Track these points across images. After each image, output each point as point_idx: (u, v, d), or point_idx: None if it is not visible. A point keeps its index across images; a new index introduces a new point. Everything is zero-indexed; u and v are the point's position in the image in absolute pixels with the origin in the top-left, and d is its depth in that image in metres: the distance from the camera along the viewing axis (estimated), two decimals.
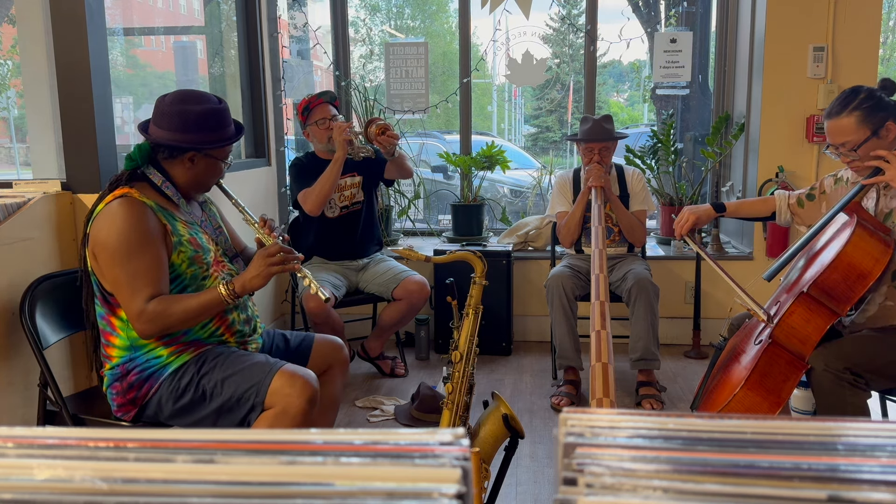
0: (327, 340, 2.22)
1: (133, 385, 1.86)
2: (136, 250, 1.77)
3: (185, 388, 1.84)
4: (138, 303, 1.77)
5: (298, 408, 1.79)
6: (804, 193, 2.35)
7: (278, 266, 1.85)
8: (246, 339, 2.03)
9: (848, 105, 2.04)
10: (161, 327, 1.80)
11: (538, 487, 2.35)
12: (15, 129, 9.98)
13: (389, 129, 3.01)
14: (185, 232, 1.90)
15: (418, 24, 8.77)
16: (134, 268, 1.77)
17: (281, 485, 0.38)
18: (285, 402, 1.78)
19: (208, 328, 1.93)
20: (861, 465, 0.40)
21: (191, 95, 1.91)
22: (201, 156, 1.92)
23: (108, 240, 1.78)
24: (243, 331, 2.02)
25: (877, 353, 1.99)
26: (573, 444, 0.43)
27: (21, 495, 0.37)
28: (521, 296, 3.89)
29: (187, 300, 1.81)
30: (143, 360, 1.87)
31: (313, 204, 3.08)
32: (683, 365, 3.54)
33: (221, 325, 1.96)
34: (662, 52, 3.91)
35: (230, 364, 1.86)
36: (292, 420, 1.78)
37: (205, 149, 1.91)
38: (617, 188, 3.27)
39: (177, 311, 1.79)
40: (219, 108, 1.93)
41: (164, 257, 1.83)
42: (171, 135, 1.88)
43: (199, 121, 1.88)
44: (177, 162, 1.92)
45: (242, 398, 1.81)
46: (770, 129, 3.59)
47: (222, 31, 3.87)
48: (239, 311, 2.01)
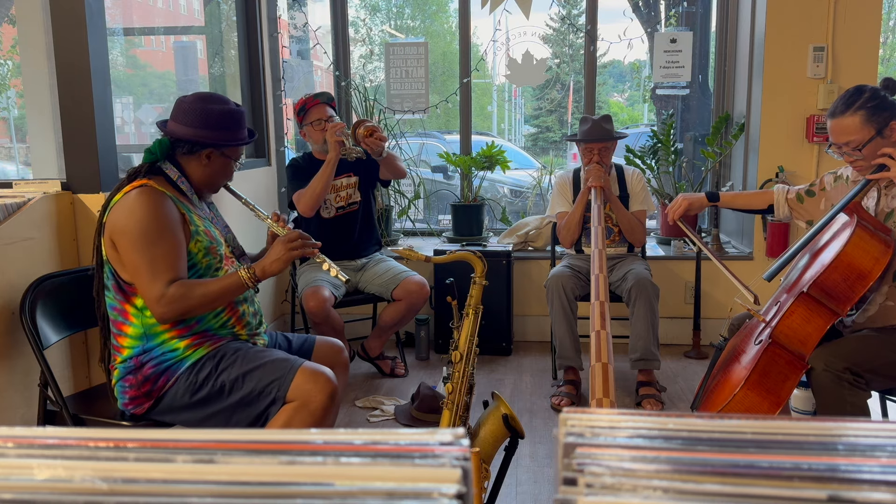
0: (328, 342, 2.25)
1: (149, 378, 1.89)
2: (156, 236, 1.83)
3: (202, 382, 1.88)
4: (159, 286, 1.82)
5: (320, 403, 1.84)
6: (803, 189, 2.35)
7: (298, 250, 1.94)
8: (255, 333, 2.09)
9: (852, 104, 2.03)
10: (181, 310, 1.84)
11: (538, 487, 2.35)
12: (15, 129, 9.98)
13: (377, 131, 3.02)
14: (201, 223, 1.97)
15: (418, 24, 8.77)
16: (154, 253, 1.82)
17: (281, 485, 0.38)
18: (307, 396, 1.84)
19: (220, 318, 1.98)
20: (861, 465, 0.40)
21: (212, 96, 2.00)
22: (217, 154, 2.00)
23: (127, 226, 1.83)
24: (252, 323, 2.07)
25: (877, 352, 1.99)
26: (573, 444, 0.43)
27: (21, 495, 0.37)
28: (521, 296, 3.89)
29: (208, 284, 1.88)
30: (158, 352, 1.90)
31: (306, 205, 3.09)
32: (683, 365, 3.54)
33: (233, 315, 2.02)
34: (662, 52, 3.92)
35: (251, 359, 1.91)
36: (312, 414, 1.84)
37: (223, 146, 1.99)
38: (617, 188, 3.27)
39: (197, 294, 1.84)
40: (238, 110, 2.02)
41: (182, 244, 1.89)
42: (192, 131, 1.95)
43: (220, 119, 1.96)
44: (193, 158, 1.99)
45: (264, 392, 1.86)
46: (770, 129, 3.59)
47: (222, 31, 3.87)
48: (248, 303, 2.08)
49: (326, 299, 2.98)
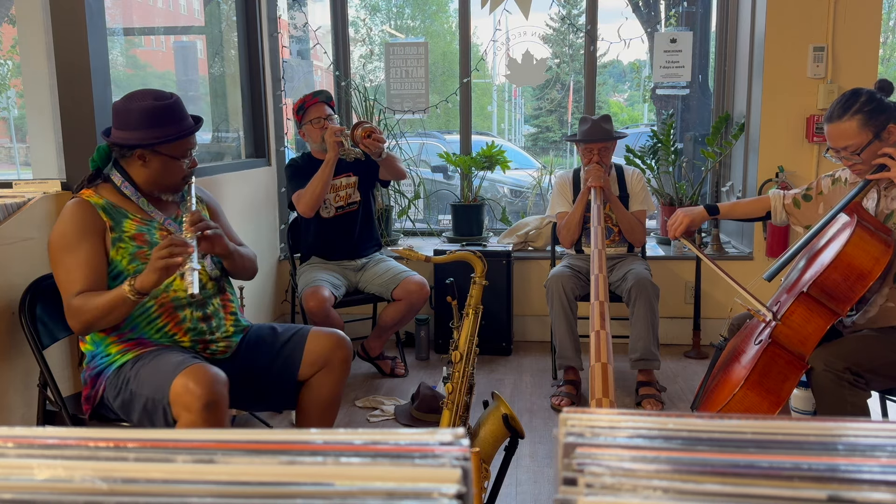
0: (325, 334, 2.11)
1: (88, 381, 1.93)
2: (68, 248, 1.85)
3: (120, 387, 1.86)
4: (66, 298, 1.84)
5: (197, 411, 1.69)
6: (800, 194, 2.34)
7: (164, 260, 1.74)
8: (206, 339, 1.99)
9: (849, 108, 2.03)
10: (82, 323, 1.82)
11: (538, 487, 2.35)
12: (15, 129, 9.98)
13: (376, 132, 3.02)
14: (133, 229, 1.93)
15: (418, 24, 8.77)
16: (66, 265, 1.84)
17: (281, 485, 0.38)
18: (185, 402, 1.70)
19: (155, 324, 1.93)
20: (861, 465, 0.40)
21: (137, 94, 1.92)
22: (151, 153, 1.92)
23: (49, 239, 1.89)
24: (199, 329, 1.97)
25: (877, 352, 1.99)
26: (573, 444, 0.43)
27: (21, 495, 0.37)
28: (521, 296, 3.89)
29: (98, 297, 1.81)
30: (98, 358, 1.92)
31: (306, 205, 3.09)
32: (683, 365, 3.54)
33: (170, 321, 1.94)
34: (662, 52, 3.91)
35: (153, 364, 1.83)
36: (193, 423, 1.70)
37: (147, 146, 1.90)
38: (617, 188, 3.27)
39: (90, 307, 1.80)
40: (161, 104, 1.90)
41: (97, 255, 1.87)
42: (119, 133, 1.92)
43: (140, 118, 1.88)
44: (130, 161, 1.95)
45: (156, 398, 1.77)
46: (770, 129, 3.59)
47: (222, 31, 3.87)
48: (194, 308, 1.97)
49: (326, 299, 2.98)
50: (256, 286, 3.62)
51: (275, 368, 2.07)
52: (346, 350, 2.12)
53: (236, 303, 2.15)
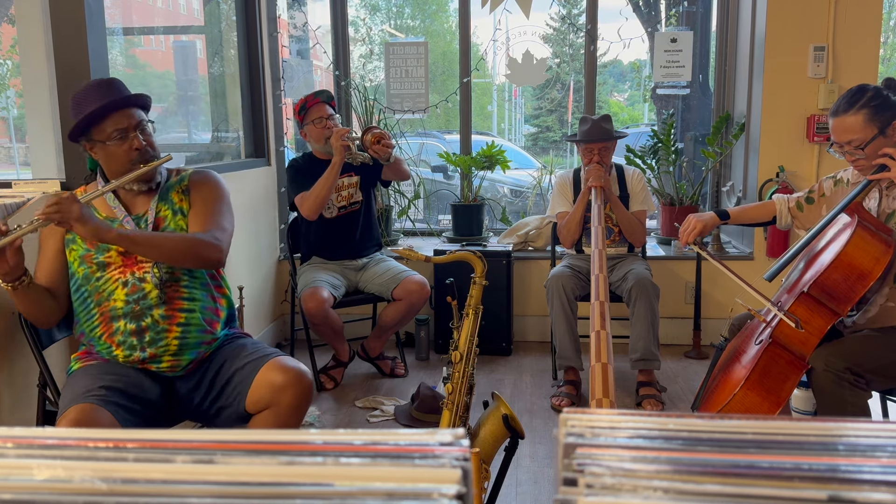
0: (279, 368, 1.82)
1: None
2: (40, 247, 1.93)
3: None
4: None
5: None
6: (803, 197, 2.35)
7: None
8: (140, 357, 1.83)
9: (855, 103, 2.03)
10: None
11: (538, 487, 2.35)
12: (14, 129, 9.98)
13: (386, 137, 3.01)
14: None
15: (418, 24, 8.77)
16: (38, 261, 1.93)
17: (281, 485, 0.38)
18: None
19: (96, 332, 1.87)
20: (861, 465, 0.40)
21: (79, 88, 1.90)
22: (88, 142, 1.89)
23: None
24: (129, 342, 1.83)
25: (877, 353, 1.99)
26: (573, 445, 0.43)
27: (21, 495, 0.37)
28: (521, 296, 3.89)
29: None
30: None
31: (310, 209, 3.08)
32: (684, 365, 3.54)
33: (105, 331, 1.86)
34: (663, 51, 3.91)
35: (69, 386, 1.79)
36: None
37: (74, 136, 1.87)
38: (617, 188, 3.27)
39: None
40: (81, 91, 1.85)
41: (57, 253, 1.91)
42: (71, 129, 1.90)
43: (74, 107, 1.88)
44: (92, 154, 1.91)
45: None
46: (770, 129, 3.59)
47: (222, 30, 3.87)
48: (129, 319, 1.83)
49: (325, 300, 2.98)
50: (256, 287, 3.62)
51: (223, 395, 1.90)
52: (297, 391, 1.81)
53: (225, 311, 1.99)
